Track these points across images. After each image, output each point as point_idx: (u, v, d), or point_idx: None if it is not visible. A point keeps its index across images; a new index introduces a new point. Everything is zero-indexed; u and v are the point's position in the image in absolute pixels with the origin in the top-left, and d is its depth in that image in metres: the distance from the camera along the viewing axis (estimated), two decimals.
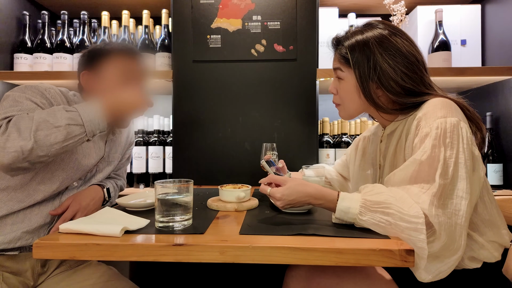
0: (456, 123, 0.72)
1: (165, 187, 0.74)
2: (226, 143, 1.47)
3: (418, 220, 0.65)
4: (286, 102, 1.46)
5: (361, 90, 0.86)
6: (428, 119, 0.74)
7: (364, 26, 0.89)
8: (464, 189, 0.68)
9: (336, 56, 0.93)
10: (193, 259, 0.64)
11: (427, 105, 0.78)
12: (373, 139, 1.02)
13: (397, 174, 0.75)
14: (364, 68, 0.84)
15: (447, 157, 0.69)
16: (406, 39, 0.85)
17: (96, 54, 1.01)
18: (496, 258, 0.76)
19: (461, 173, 0.69)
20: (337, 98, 0.94)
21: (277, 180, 0.80)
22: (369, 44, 0.84)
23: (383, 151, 0.94)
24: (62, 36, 1.55)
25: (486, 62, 1.54)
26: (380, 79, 0.83)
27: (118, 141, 1.17)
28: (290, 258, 0.63)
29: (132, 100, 0.98)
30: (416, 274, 0.67)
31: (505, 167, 1.44)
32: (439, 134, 0.71)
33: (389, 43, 0.83)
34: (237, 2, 1.45)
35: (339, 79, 0.92)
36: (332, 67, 0.94)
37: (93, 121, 0.82)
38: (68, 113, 0.80)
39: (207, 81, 1.47)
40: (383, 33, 0.84)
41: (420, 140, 0.74)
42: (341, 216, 0.74)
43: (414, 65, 0.82)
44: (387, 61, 0.82)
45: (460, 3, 1.56)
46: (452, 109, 0.75)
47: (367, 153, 1.03)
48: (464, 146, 0.70)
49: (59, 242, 0.65)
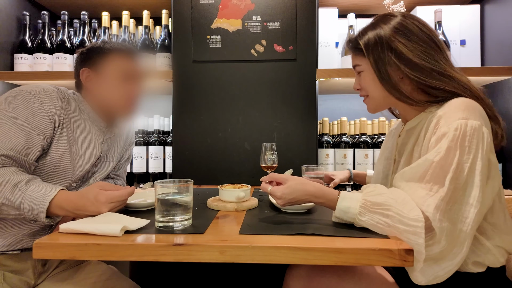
0: (478, 127, 0.68)
1: (165, 187, 0.74)
2: (226, 143, 1.47)
3: (417, 224, 0.64)
4: (286, 102, 1.46)
5: (376, 75, 0.84)
6: (448, 119, 0.71)
7: (375, 18, 0.88)
8: (476, 197, 0.66)
9: (352, 54, 0.92)
10: (193, 259, 0.64)
11: (449, 104, 0.75)
12: (394, 133, 1.00)
13: (407, 172, 0.74)
14: (377, 51, 0.82)
15: (463, 161, 0.67)
16: (418, 21, 0.83)
17: (96, 52, 1.01)
18: (501, 263, 0.75)
19: (476, 180, 0.66)
20: (363, 91, 0.92)
21: (278, 178, 0.81)
22: (380, 28, 0.83)
23: (399, 146, 0.92)
24: (62, 36, 1.55)
25: (486, 62, 1.55)
26: (397, 59, 0.80)
27: (117, 141, 1.17)
28: (290, 257, 0.63)
29: (118, 103, 1.01)
30: (411, 276, 0.67)
31: (504, 167, 1.45)
32: (457, 136, 0.68)
33: (401, 25, 0.82)
34: (237, 2, 1.45)
35: (360, 74, 0.90)
36: (352, 66, 0.93)
37: (33, 211, 0.78)
38: (12, 193, 0.78)
39: (207, 81, 1.47)
40: (394, 18, 0.83)
41: (437, 140, 0.71)
42: (341, 216, 0.74)
43: (428, 44, 0.80)
44: (400, 41, 0.80)
45: (460, 3, 1.57)
46: (476, 112, 0.71)
47: (386, 146, 1.02)
48: (483, 153, 0.67)
49: (59, 242, 0.66)
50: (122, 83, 1.01)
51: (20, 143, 0.84)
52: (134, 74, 1.04)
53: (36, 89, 0.91)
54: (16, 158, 0.84)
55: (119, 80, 1.01)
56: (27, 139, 0.86)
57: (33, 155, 0.87)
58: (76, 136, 0.99)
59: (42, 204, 0.78)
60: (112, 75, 1.00)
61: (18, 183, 0.79)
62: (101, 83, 1.01)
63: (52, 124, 0.91)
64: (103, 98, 1.02)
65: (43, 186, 0.80)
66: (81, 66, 1.01)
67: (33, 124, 0.87)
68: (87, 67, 1.01)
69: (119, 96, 1.02)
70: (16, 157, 0.84)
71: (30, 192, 0.78)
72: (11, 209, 0.79)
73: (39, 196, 0.78)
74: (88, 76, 1.01)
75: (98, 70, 1.01)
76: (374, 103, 0.91)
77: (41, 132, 0.88)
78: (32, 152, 0.87)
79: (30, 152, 0.86)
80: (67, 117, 0.96)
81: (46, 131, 0.89)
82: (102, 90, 1.01)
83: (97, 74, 1.01)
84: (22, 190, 0.78)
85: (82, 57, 1.03)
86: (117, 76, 1.01)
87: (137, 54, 1.08)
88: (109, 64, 1.01)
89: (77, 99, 1.02)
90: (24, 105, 0.87)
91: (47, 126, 0.89)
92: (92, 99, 1.03)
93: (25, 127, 0.86)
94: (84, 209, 0.79)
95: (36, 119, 0.88)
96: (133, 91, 1.04)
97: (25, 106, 0.87)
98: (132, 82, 1.03)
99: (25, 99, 0.88)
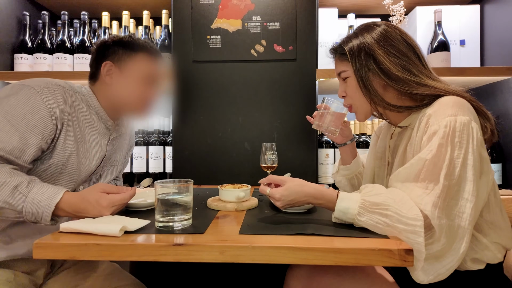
0: (467, 122, 0.69)
1: (165, 187, 0.74)
2: (226, 143, 1.47)
3: (416, 223, 0.64)
4: (286, 102, 1.46)
5: (359, 85, 0.86)
6: (438, 117, 0.72)
7: (359, 27, 0.91)
8: (471, 191, 0.67)
9: (337, 60, 0.94)
10: (193, 259, 0.64)
11: (438, 102, 0.77)
12: (385, 134, 1.00)
13: (401, 172, 0.75)
14: (360, 58, 0.85)
15: (454, 157, 0.68)
16: (400, 31, 0.86)
17: (123, 46, 0.98)
18: (498, 259, 0.76)
19: (469, 174, 0.67)
20: (348, 99, 0.93)
21: (276, 180, 0.81)
22: (363, 37, 0.85)
23: (392, 148, 0.93)
24: (62, 37, 1.55)
25: (485, 62, 1.55)
26: (378, 68, 0.83)
27: (122, 143, 1.15)
28: (290, 257, 0.64)
29: (136, 102, 0.98)
30: (413, 275, 0.67)
31: (504, 167, 1.45)
32: (447, 133, 0.69)
33: (383, 35, 0.84)
34: (237, 2, 1.45)
35: (345, 80, 0.92)
36: (336, 73, 0.94)
37: (36, 214, 0.76)
38: (12, 196, 0.74)
39: (207, 81, 1.47)
40: (377, 28, 0.86)
41: (428, 138, 0.72)
42: (340, 216, 0.74)
43: (407, 56, 0.83)
44: (380, 50, 0.83)
45: (459, 3, 1.57)
46: (464, 108, 0.73)
47: (376, 147, 1.02)
48: (474, 147, 0.68)
49: (59, 242, 0.66)
50: (144, 83, 1.00)
51: (12, 143, 0.79)
52: (157, 76, 1.04)
53: (40, 84, 0.87)
54: (6, 158, 0.79)
55: (142, 80, 1.00)
56: (21, 139, 0.81)
57: (27, 156, 0.82)
58: (85, 133, 0.96)
59: (48, 207, 0.76)
60: (137, 75, 0.99)
61: (18, 186, 0.75)
62: (123, 79, 0.98)
63: (54, 124, 0.86)
64: (121, 94, 0.99)
65: (46, 188, 0.78)
66: (104, 58, 0.98)
67: (31, 123, 0.82)
68: (111, 61, 0.97)
69: (138, 95, 1.00)
70: (5, 157, 0.79)
71: (33, 195, 0.75)
72: (11, 212, 0.76)
73: (43, 199, 0.76)
74: (110, 70, 0.97)
75: (122, 66, 0.98)
76: (363, 111, 0.92)
77: (40, 132, 0.83)
78: (27, 153, 0.82)
79: (23, 154, 0.81)
80: (75, 112, 0.93)
81: (45, 131, 0.84)
82: (122, 87, 0.98)
83: (121, 70, 0.98)
84: (24, 194, 0.75)
85: (105, 48, 0.99)
86: (142, 76, 0.99)
87: (161, 55, 1.07)
88: (135, 63, 0.99)
89: (86, 93, 0.99)
90: (24, 100, 0.83)
91: (46, 125, 0.84)
92: (106, 94, 1.00)
93: (21, 126, 0.81)
94: (86, 212, 0.78)
95: (36, 117, 0.83)
96: (153, 92, 1.03)
97: (25, 102, 0.83)
98: (153, 83, 1.03)
99: (27, 95, 0.84)
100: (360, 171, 1.12)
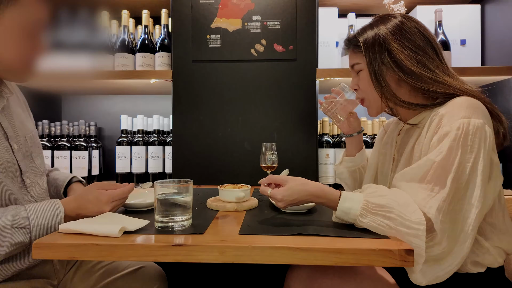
0: (481, 126, 0.68)
1: (165, 187, 0.74)
2: (226, 143, 1.47)
3: (419, 227, 0.64)
4: (286, 102, 1.45)
5: (371, 73, 0.84)
6: (451, 118, 0.70)
7: (375, 18, 0.89)
8: (478, 197, 0.65)
9: (351, 52, 0.92)
10: (192, 259, 0.64)
11: (452, 102, 0.75)
12: (392, 129, 0.99)
13: (408, 172, 0.73)
14: (374, 51, 0.83)
15: (464, 161, 0.66)
16: (417, 23, 0.84)
17: None
18: (499, 263, 0.75)
19: (478, 180, 0.66)
20: (360, 92, 0.92)
21: (277, 180, 0.80)
22: (378, 28, 0.83)
23: (398, 145, 0.91)
24: None
25: (486, 62, 1.54)
26: (392, 61, 0.80)
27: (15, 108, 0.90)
28: (290, 258, 0.63)
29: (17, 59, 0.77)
30: (411, 277, 0.66)
31: (505, 167, 1.44)
32: (459, 136, 0.67)
33: (399, 27, 0.82)
34: (236, 2, 1.45)
35: (358, 73, 0.90)
36: (349, 66, 0.93)
37: (42, 233, 0.74)
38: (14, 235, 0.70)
39: (207, 81, 1.47)
40: (393, 19, 0.84)
41: (438, 139, 0.70)
42: (342, 216, 0.74)
43: (424, 49, 0.80)
44: (396, 43, 0.81)
45: (460, 3, 1.56)
46: (478, 111, 0.70)
47: (382, 142, 1.01)
48: (485, 152, 0.67)
49: (59, 242, 0.65)
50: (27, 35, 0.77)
51: None
52: (43, 26, 0.81)
53: None
54: None
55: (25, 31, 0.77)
56: None
57: None
58: None
59: (56, 225, 0.75)
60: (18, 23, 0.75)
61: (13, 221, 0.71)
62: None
63: None
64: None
65: (41, 207, 0.75)
66: None
67: None
68: None
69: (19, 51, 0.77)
70: None
71: (37, 222, 0.73)
72: (21, 247, 0.74)
73: (48, 221, 0.74)
74: None
75: None
76: (375, 105, 0.90)
77: None
78: None
79: None
80: None
81: None
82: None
83: None
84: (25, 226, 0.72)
85: None
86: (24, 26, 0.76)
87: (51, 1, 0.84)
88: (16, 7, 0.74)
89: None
90: None
91: None
92: None
93: None
94: (87, 210, 0.78)
95: None
96: (39, 46, 0.81)
97: None
98: (38, 35, 0.80)
99: None
100: (363, 165, 1.11)
